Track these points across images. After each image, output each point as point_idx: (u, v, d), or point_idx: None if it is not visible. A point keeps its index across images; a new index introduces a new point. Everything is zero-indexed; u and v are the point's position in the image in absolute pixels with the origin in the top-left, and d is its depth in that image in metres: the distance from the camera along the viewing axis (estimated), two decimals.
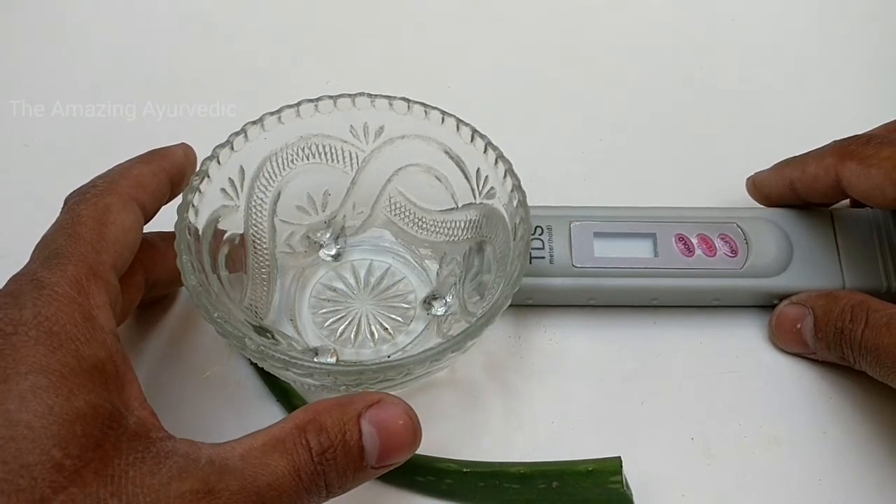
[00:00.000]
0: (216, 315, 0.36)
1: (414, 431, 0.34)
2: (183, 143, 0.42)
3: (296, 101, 0.43)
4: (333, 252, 0.47)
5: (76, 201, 0.37)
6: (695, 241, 0.45)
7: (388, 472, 0.35)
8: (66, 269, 0.33)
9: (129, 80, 0.60)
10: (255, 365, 0.45)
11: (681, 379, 0.45)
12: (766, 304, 0.46)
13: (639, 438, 0.43)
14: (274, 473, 0.31)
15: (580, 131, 0.58)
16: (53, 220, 0.50)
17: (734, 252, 0.45)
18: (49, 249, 0.34)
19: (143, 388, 0.34)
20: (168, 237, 0.40)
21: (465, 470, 0.40)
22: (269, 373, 0.43)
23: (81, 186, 0.38)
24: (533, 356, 0.46)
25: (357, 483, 0.34)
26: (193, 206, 0.39)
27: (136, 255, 0.38)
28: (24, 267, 0.34)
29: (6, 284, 0.33)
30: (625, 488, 0.39)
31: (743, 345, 0.47)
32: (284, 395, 0.43)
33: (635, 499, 0.40)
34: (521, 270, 0.38)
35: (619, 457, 0.39)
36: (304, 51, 0.62)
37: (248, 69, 0.61)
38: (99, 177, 0.39)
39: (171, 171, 0.41)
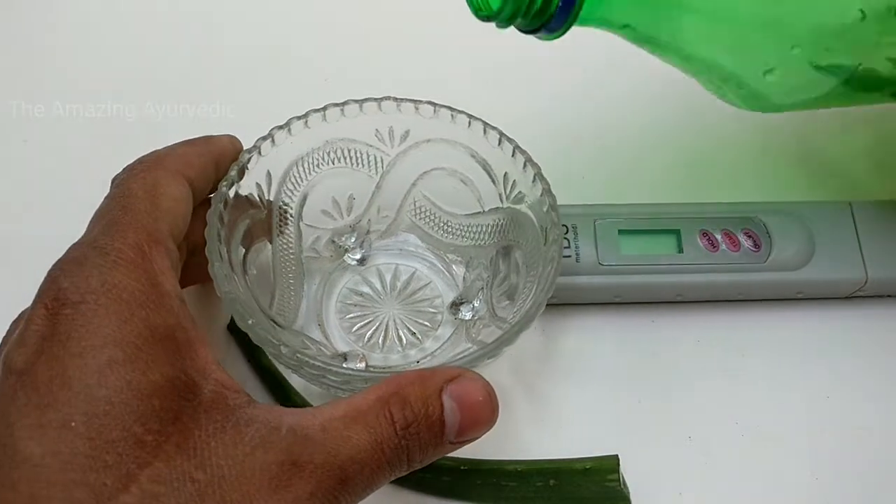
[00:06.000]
0: (250, 322, 0.37)
1: (493, 408, 0.35)
2: (228, 134, 0.43)
3: (322, 106, 0.44)
4: (358, 256, 0.49)
5: (124, 178, 0.38)
6: (719, 236, 0.47)
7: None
8: (127, 235, 0.34)
9: (129, 80, 0.61)
10: (252, 363, 0.46)
11: (678, 377, 0.47)
12: (789, 298, 0.48)
13: (636, 436, 0.45)
14: (356, 447, 0.31)
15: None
16: (54, 219, 0.50)
17: (757, 246, 0.47)
18: (105, 220, 0.35)
19: None
20: (206, 202, 0.41)
21: (462, 467, 0.42)
22: (266, 371, 0.45)
23: (127, 165, 0.39)
24: (531, 354, 0.47)
25: (435, 457, 0.34)
26: (221, 214, 0.40)
27: None
28: (83, 236, 0.35)
29: (66, 252, 0.34)
30: (622, 486, 0.40)
31: (741, 343, 0.48)
32: (282, 392, 0.45)
33: (633, 497, 0.41)
34: (555, 275, 0.39)
35: (617, 455, 0.41)
36: (303, 49, 0.63)
37: (248, 69, 0.62)
38: (145, 155, 0.40)
39: (217, 156, 0.41)
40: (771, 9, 0.38)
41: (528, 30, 0.37)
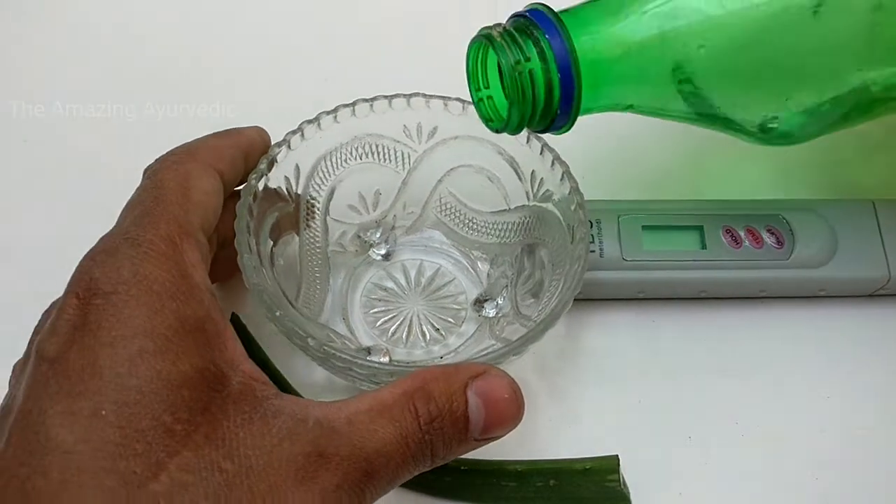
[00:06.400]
0: (278, 313, 0.37)
1: (518, 405, 0.35)
2: (256, 126, 0.44)
3: (351, 101, 0.44)
4: (383, 252, 0.49)
5: (156, 169, 0.38)
6: (742, 232, 0.47)
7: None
8: (158, 226, 0.34)
9: (129, 80, 0.60)
10: (251, 359, 0.45)
11: (678, 377, 0.47)
12: (810, 295, 0.49)
13: (636, 437, 0.45)
14: (381, 440, 0.31)
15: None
16: (54, 219, 0.52)
17: (780, 243, 0.47)
18: (137, 211, 0.35)
19: None
20: (234, 195, 0.41)
21: (462, 467, 0.42)
22: (265, 367, 0.44)
23: (160, 156, 0.39)
24: (531, 353, 0.47)
25: (459, 453, 0.34)
26: (251, 207, 0.40)
27: None
28: (114, 227, 0.35)
29: (98, 242, 0.34)
30: (622, 486, 0.41)
31: (740, 343, 0.48)
32: (281, 389, 0.43)
33: (632, 497, 0.42)
34: (582, 273, 0.40)
35: (616, 455, 0.41)
36: (303, 49, 0.63)
37: (248, 69, 0.62)
38: (176, 147, 0.40)
39: (246, 148, 0.42)
40: (758, 68, 0.40)
41: (538, 130, 0.39)
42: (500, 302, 0.47)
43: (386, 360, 0.45)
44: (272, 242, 0.43)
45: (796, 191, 0.53)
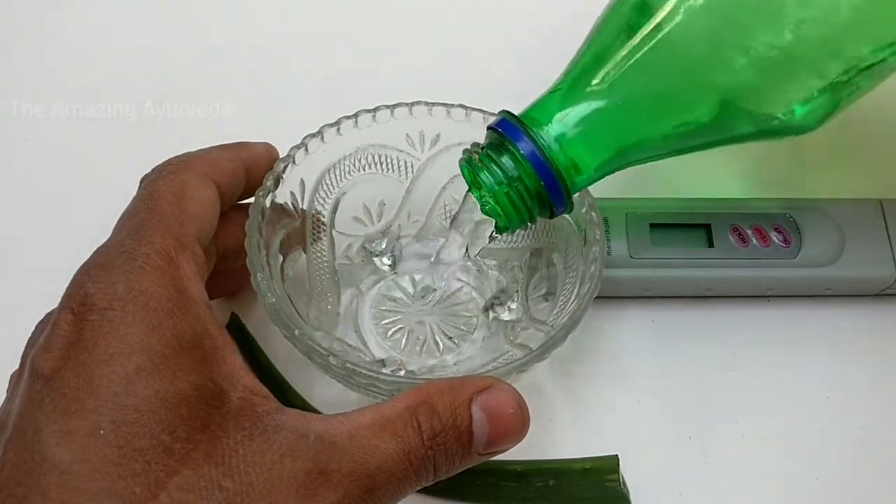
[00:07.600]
0: (297, 332, 0.37)
1: (523, 421, 0.35)
2: (265, 142, 0.43)
3: (353, 112, 0.44)
4: (390, 262, 0.48)
5: (152, 179, 0.37)
6: (749, 231, 0.47)
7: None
8: (154, 240, 0.34)
9: (129, 80, 0.60)
10: (251, 363, 0.45)
11: (678, 377, 0.47)
12: (817, 294, 0.49)
13: (636, 437, 0.45)
14: (383, 456, 0.31)
15: None
16: (54, 219, 0.52)
17: (787, 242, 0.47)
18: (132, 223, 0.35)
19: None
20: (237, 208, 0.41)
21: None
22: (266, 372, 0.45)
23: (157, 166, 0.39)
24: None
25: (462, 468, 0.34)
26: (260, 225, 0.40)
27: None
28: (109, 240, 0.35)
29: (92, 256, 0.34)
30: (622, 487, 0.41)
31: (740, 343, 0.48)
32: (282, 393, 0.44)
33: (632, 497, 0.42)
34: (599, 275, 0.40)
35: (616, 455, 0.41)
36: (303, 49, 0.63)
37: (248, 69, 0.61)
38: (174, 157, 0.39)
39: (248, 161, 0.41)
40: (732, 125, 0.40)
41: (546, 217, 0.40)
42: (511, 307, 0.46)
43: (401, 371, 0.44)
44: (282, 258, 0.43)
45: (803, 190, 0.53)
